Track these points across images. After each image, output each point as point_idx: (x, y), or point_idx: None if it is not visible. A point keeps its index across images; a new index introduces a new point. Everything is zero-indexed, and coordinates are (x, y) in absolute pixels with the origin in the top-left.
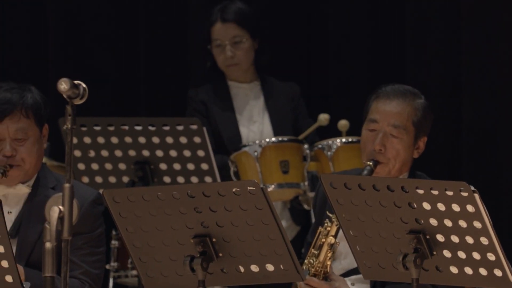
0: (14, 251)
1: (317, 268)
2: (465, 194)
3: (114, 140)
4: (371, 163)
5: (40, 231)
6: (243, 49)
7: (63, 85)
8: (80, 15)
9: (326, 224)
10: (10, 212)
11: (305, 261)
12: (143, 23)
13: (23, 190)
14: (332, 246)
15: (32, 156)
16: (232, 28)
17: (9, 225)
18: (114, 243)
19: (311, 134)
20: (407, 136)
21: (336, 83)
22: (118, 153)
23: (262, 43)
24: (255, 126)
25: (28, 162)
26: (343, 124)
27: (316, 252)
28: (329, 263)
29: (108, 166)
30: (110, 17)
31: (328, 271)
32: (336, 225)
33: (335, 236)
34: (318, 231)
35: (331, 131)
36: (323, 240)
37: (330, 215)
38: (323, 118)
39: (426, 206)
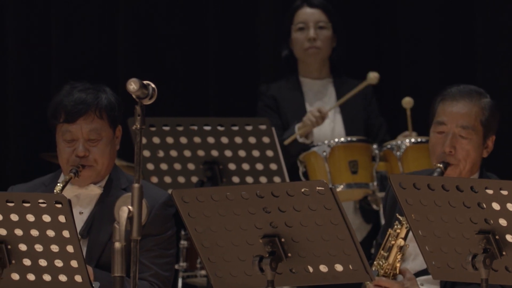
0: (84, 251)
1: (386, 270)
2: None
3: (183, 140)
4: (441, 165)
5: (111, 232)
6: (326, 36)
7: (133, 85)
8: (149, 14)
9: (396, 226)
10: (82, 213)
11: (375, 262)
12: (212, 22)
13: (95, 190)
14: (401, 249)
15: (105, 157)
16: (318, 14)
17: (80, 225)
18: (183, 243)
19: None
20: (476, 136)
21: (408, 82)
22: (187, 153)
23: (340, 42)
24: (326, 123)
25: (101, 163)
26: (407, 101)
27: (385, 254)
28: (398, 265)
29: (177, 166)
30: (179, 16)
31: (397, 273)
32: (406, 228)
33: (404, 239)
34: (388, 233)
35: (396, 108)
36: (393, 242)
37: (400, 217)
38: (373, 76)
39: (496, 206)
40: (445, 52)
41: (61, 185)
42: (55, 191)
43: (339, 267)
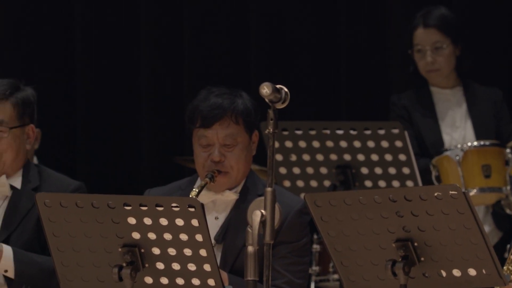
0: (219, 256)
1: None
2: None
3: (316, 144)
4: None
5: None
6: (444, 55)
7: (265, 89)
8: (281, 19)
9: None
10: (217, 218)
11: (504, 267)
12: (344, 28)
13: (231, 196)
14: None
15: (240, 163)
16: (433, 34)
17: (216, 230)
18: (316, 247)
19: None
20: None
21: None
22: (320, 157)
23: (465, 49)
24: (458, 132)
25: (236, 168)
26: None
27: None
28: None
29: (310, 170)
30: (311, 21)
31: None
32: None
33: None
34: None
35: None
36: None
37: None
38: None
39: None
40: None
41: (197, 190)
42: (190, 195)
43: (472, 272)
